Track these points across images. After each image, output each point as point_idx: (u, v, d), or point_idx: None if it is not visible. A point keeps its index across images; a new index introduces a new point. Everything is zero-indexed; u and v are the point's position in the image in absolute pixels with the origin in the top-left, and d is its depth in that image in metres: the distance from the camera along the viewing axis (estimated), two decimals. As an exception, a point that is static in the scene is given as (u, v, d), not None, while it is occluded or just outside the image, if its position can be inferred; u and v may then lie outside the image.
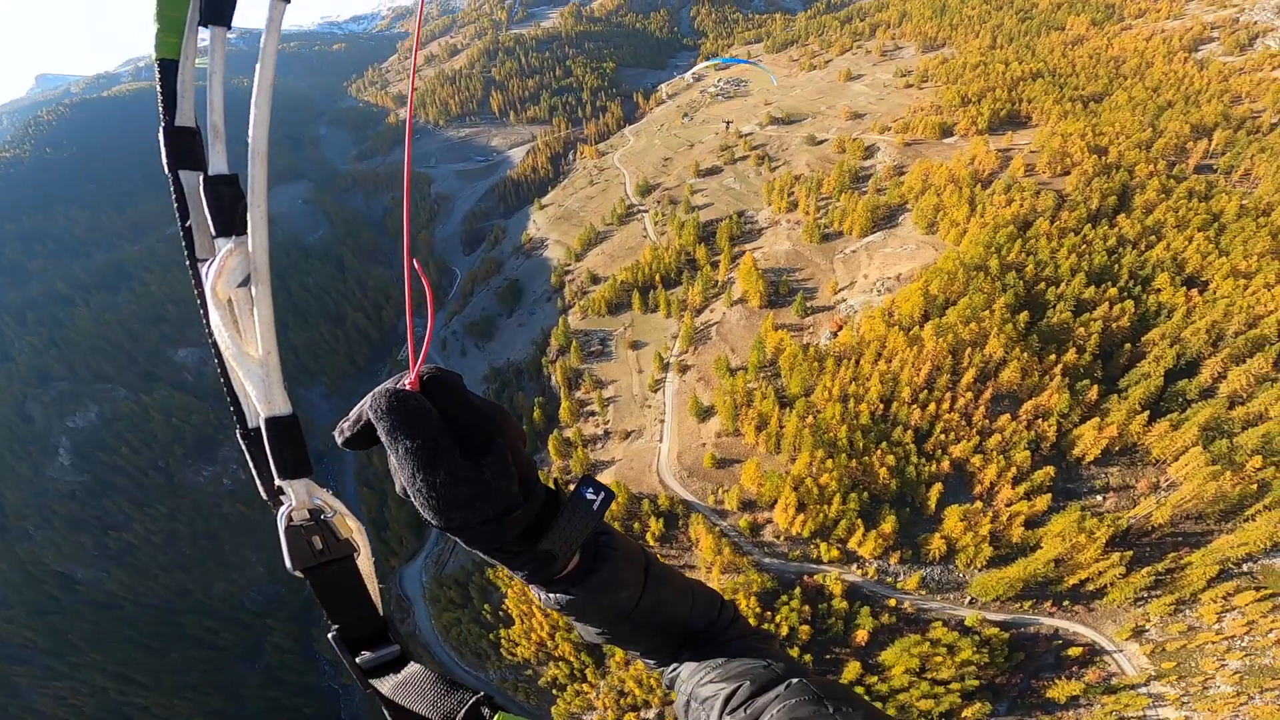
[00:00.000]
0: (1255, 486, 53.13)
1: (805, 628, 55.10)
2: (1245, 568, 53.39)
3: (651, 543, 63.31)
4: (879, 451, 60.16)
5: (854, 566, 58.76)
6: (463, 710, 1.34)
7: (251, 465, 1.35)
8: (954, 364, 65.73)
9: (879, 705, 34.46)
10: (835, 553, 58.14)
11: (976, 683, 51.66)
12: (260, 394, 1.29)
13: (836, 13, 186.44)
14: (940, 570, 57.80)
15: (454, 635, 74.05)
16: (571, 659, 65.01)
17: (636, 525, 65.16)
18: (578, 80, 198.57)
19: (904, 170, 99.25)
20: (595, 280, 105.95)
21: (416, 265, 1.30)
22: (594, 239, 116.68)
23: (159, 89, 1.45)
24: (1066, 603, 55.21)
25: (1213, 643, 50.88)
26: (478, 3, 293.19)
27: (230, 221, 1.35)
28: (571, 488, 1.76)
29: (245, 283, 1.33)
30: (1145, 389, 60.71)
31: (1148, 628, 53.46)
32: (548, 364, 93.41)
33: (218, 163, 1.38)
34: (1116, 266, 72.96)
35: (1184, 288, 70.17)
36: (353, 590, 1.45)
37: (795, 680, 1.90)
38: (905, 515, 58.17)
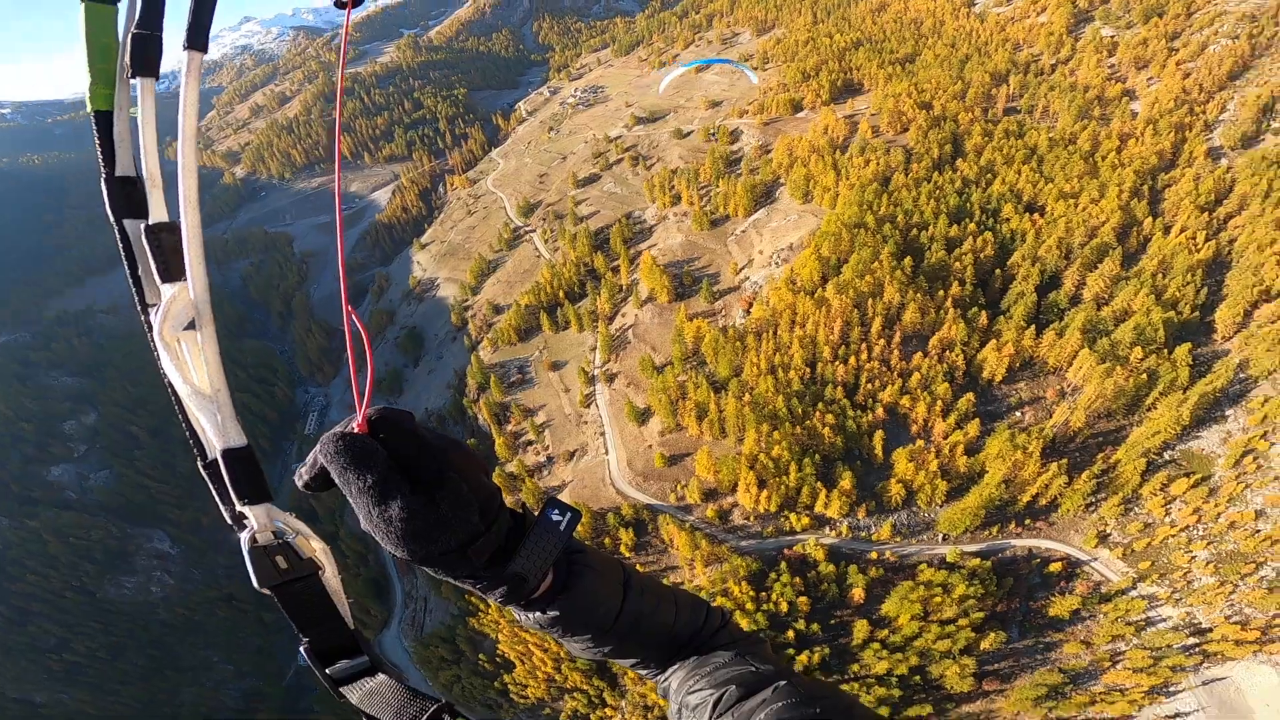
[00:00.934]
0: (1145, 376, 61.36)
1: (802, 599, 56.65)
2: (1167, 455, 61.32)
3: (626, 553, 62.35)
4: (818, 413, 63.12)
5: (827, 529, 61.24)
6: (425, 716, 1.41)
7: (214, 493, 1.41)
8: (861, 316, 70.44)
9: (897, 656, 35.89)
10: (806, 520, 60.29)
11: (981, 615, 55.13)
12: (214, 428, 1.36)
13: (672, 9, 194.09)
14: (906, 514, 61.64)
15: (456, 692, 69.51)
16: (586, 687, 62.65)
17: (607, 540, 63.93)
18: (430, 111, 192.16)
19: (769, 148, 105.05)
20: (498, 310, 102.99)
21: (351, 311, 1.40)
22: (486, 269, 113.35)
23: (97, 140, 1.48)
24: (1028, 521, 60.38)
25: (1172, 536, 57.70)
26: (299, 47, 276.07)
27: (174, 267, 1.41)
28: (538, 511, 1.81)
29: (191, 325, 1.40)
30: (1024, 306, 68.38)
31: (1109, 531, 59.67)
32: (470, 404, 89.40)
33: (157, 210, 1.44)
34: (968, 204, 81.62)
35: (1027, 213, 79.83)
36: (320, 605, 1.50)
37: (782, 683, 1.92)
38: (859, 469, 61.51)
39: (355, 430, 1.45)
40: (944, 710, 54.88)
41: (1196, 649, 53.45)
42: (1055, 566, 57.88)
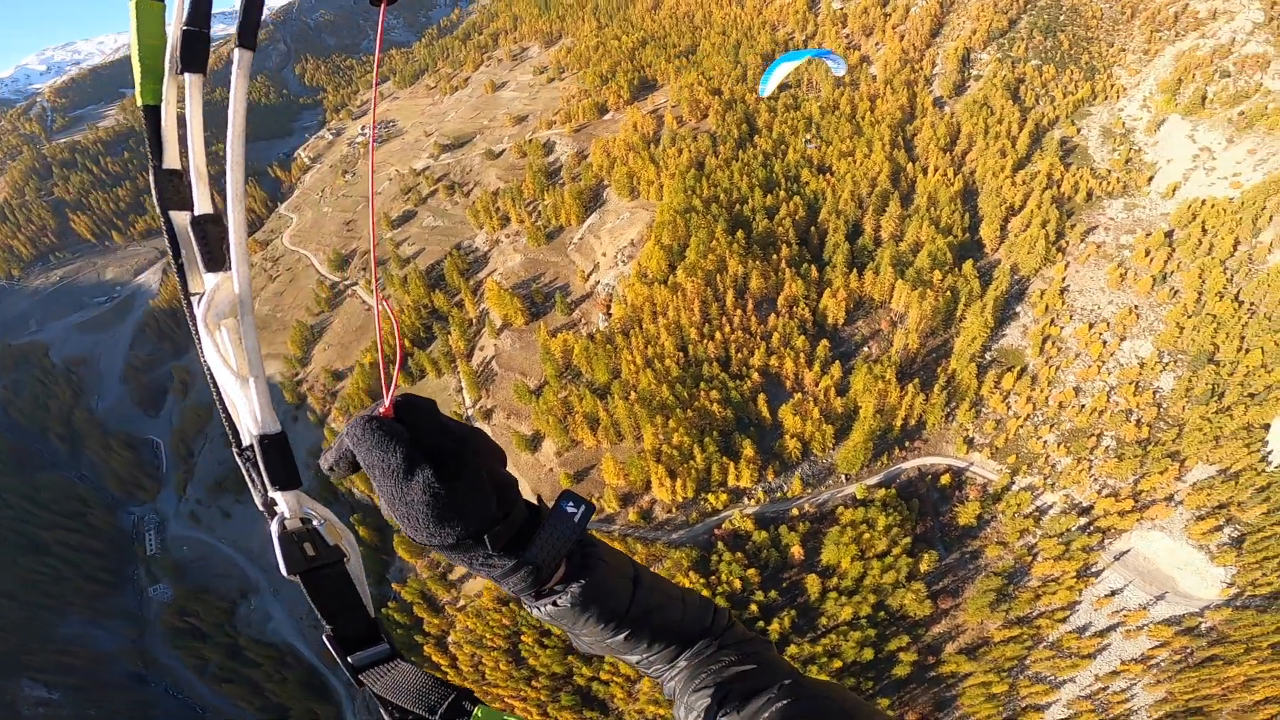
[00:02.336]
0: (949, 293, 72.16)
1: (751, 571, 58.41)
2: (988, 356, 72.24)
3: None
4: (702, 392, 65.56)
5: (746, 500, 63.85)
6: (445, 703, 1.47)
7: (248, 479, 1.46)
8: (714, 293, 74.47)
9: (856, 599, 38.56)
10: (724, 497, 62.32)
11: (908, 540, 60.63)
12: (251, 414, 1.41)
13: (452, 34, 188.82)
14: (808, 465, 66.24)
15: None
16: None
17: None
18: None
19: (585, 154, 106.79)
20: (339, 376, 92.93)
21: (381, 298, 1.52)
22: (310, 335, 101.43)
23: (146, 133, 1.52)
24: (907, 444, 67.87)
25: (1021, 427, 67.64)
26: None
27: (217, 258, 1.46)
28: (552, 503, 1.85)
29: (233, 314, 1.45)
30: (842, 254, 77.11)
31: (972, 436, 68.85)
32: (339, 480, 79.40)
33: (202, 203, 1.48)
34: (774, 175, 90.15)
35: (820, 174, 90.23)
36: (344, 593, 1.54)
37: (787, 682, 1.96)
38: (754, 435, 64.96)
39: (381, 414, 1.49)
40: (918, 636, 59.93)
41: (1091, 528, 63.72)
42: (945, 479, 66.30)
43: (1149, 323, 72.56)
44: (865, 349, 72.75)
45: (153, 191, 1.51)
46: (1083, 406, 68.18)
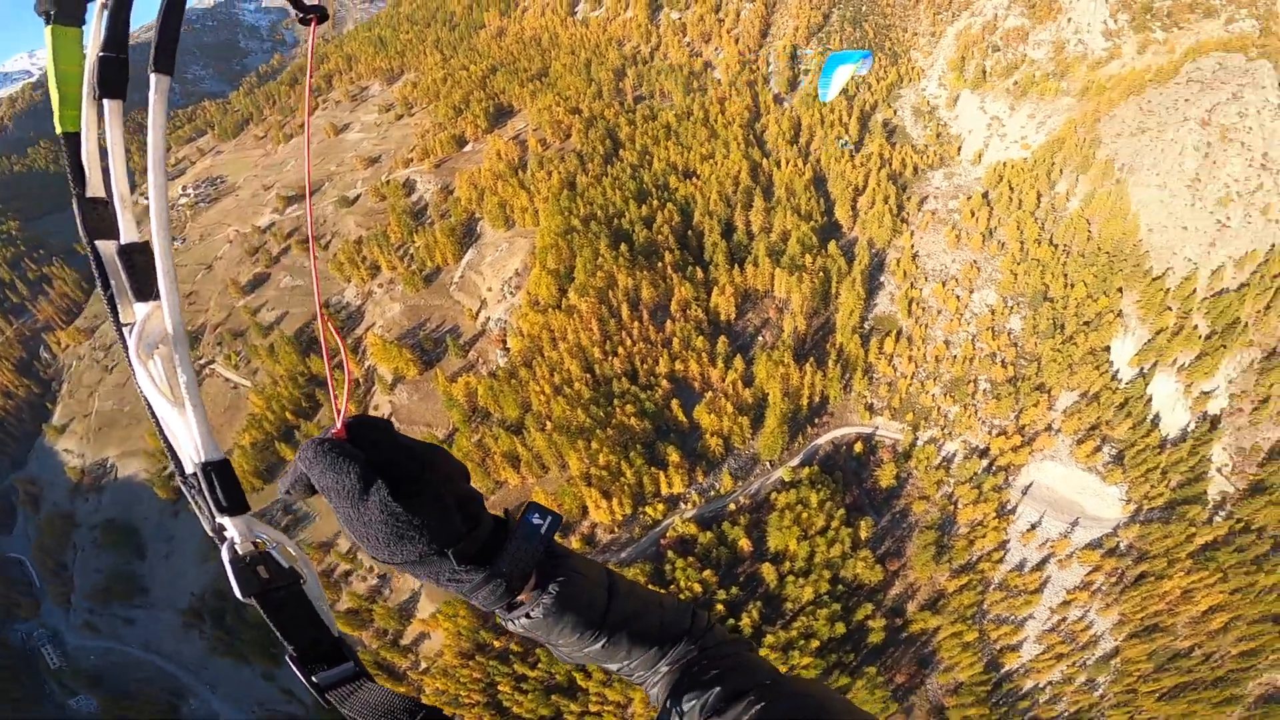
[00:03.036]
0: (822, 274, 77.75)
1: (707, 573, 59.19)
2: (867, 326, 78.21)
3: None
4: (617, 409, 65.85)
5: (683, 505, 64.82)
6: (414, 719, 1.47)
7: (194, 506, 1.43)
8: (609, 309, 75.11)
9: (813, 577, 40.80)
10: (661, 507, 62.92)
11: (842, 511, 63.73)
12: (191, 443, 1.39)
13: (274, 79, 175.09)
14: (733, 460, 68.41)
15: None
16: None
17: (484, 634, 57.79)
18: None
19: (451, 189, 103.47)
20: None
21: (325, 320, 1.47)
22: None
23: (67, 162, 1.51)
24: (816, 420, 71.83)
25: (910, 386, 73.11)
26: None
27: (146, 288, 1.44)
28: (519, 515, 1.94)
29: (166, 343, 1.43)
30: (722, 252, 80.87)
31: (870, 402, 73.80)
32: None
33: (128, 231, 1.46)
34: (644, 185, 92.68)
35: (686, 179, 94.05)
36: (303, 613, 1.52)
37: (767, 683, 2.03)
38: (676, 440, 66.16)
39: (334, 435, 1.50)
40: (880, 602, 63.13)
41: (994, 468, 70.25)
42: (858, 447, 71.18)
43: (988, 274, 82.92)
44: (760, 338, 76.78)
45: (77, 221, 1.48)
46: (955, 357, 76.53)
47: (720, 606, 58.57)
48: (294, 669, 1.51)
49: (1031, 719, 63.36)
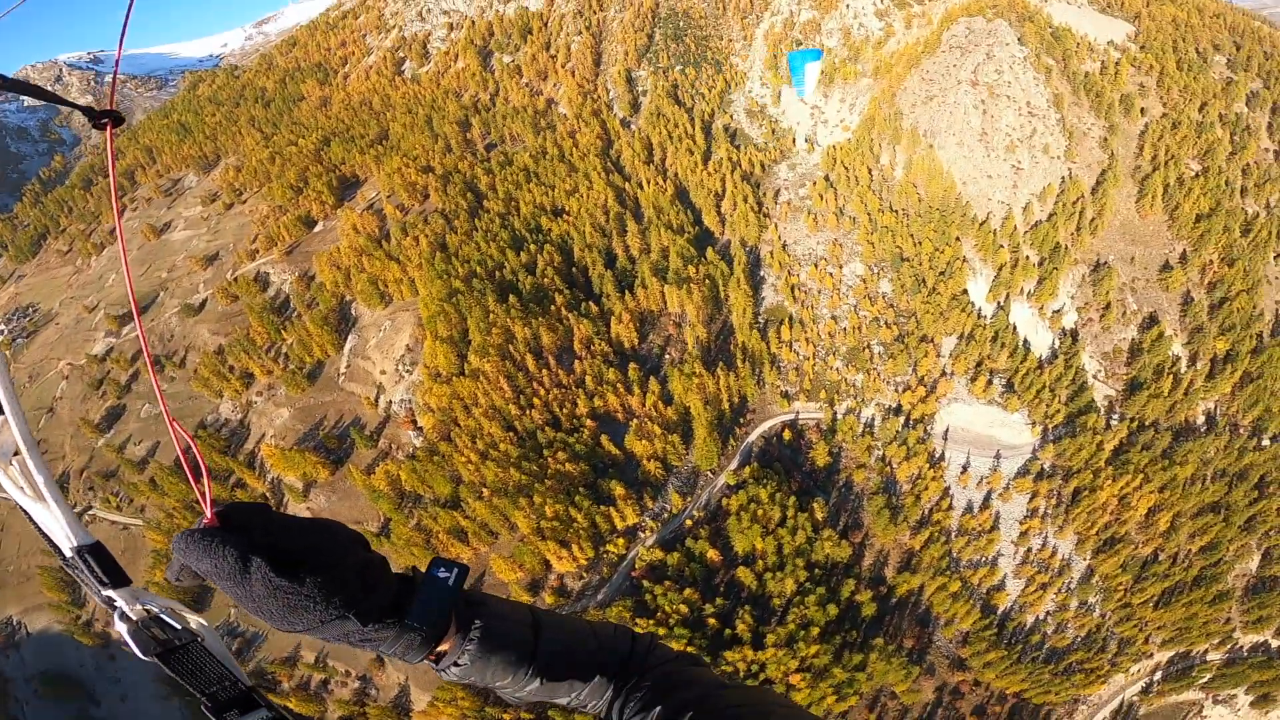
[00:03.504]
0: (708, 281, 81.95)
1: (688, 592, 60.17)
2: (761, 319, 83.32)
3: None
4: (550, 459, 65.59)
5: (641, 534, 65.80)
6: None
7: (81, 584, 1.55)
8: (514, 364, 74.41)
9: (789, 569, 43.45)
10: (622, 541, 63.47)
11: (793, 499, 66.65)
12: (61, 532, 1.54)
13: (62, 183, 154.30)
14: (675, 478, 70.08)
15: None
16: None
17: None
18: None
19: (311, 275, 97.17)
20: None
21: (173, 423, 1.64)
22: (64, 577, 78.06)
23: None
24: (741, 420, 75.67)
25: (815, 367, 77.89)
26: None
27: None
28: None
29: (18, 453, 1.56)
30: (609, 282, 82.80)
31: (784, 389, 78.46)
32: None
33: None
34: (515, 233, 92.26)
35: (556, 218, 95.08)
36: (209, 666, 1.63)
37: (708, 696, 2.11)
38: (615, 474, 66.93)
39: (205, 524, 1.59)
40: (859, 576, 66.45)
41: (911, 423, 76.24)
42: (787, 435, 75.52)
43: (850, 248, 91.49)
44: (667, 356, 79.58)
45: None
46: (844, 329, 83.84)
47: (712, 621, 59.73)
48: (209, 717, 1.62)
49: (1049, 650, 68.51)
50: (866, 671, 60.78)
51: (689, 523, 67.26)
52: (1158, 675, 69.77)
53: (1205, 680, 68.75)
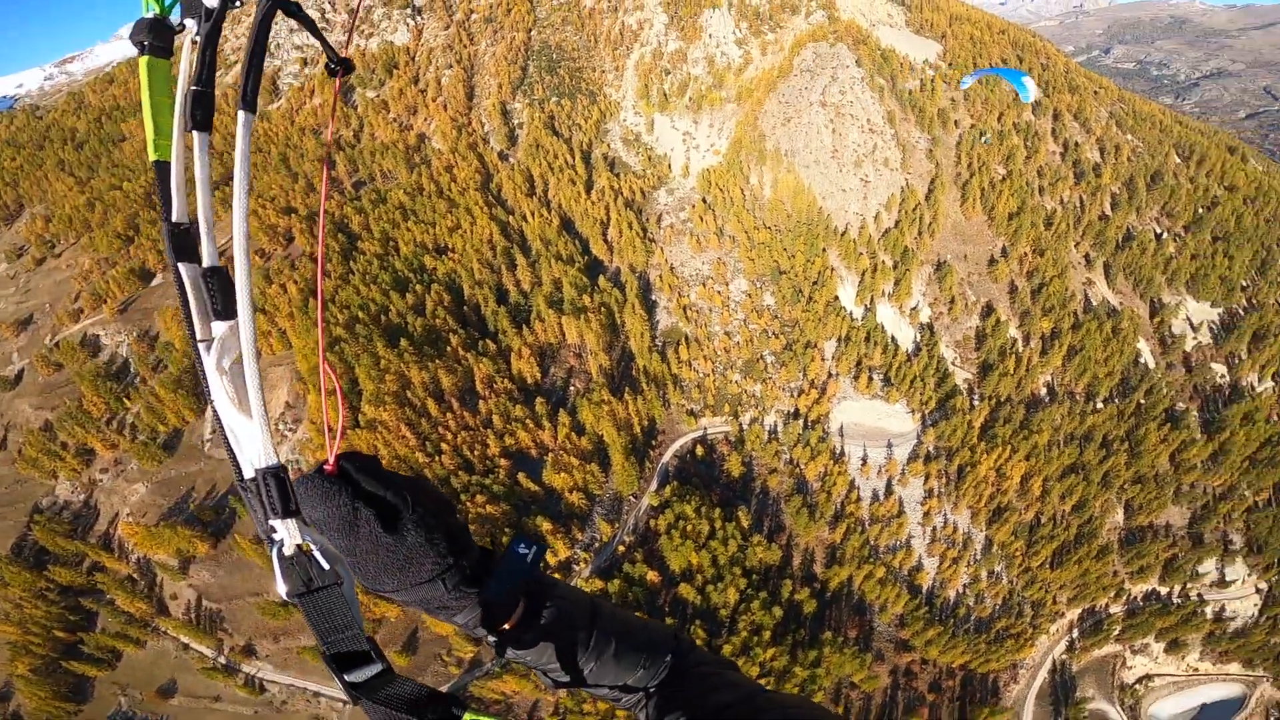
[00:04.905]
0: (603, 309, 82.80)
1: (636, 615, 58.89)
2: (658, 342, 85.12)
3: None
4: (468, 504, 62.44)
5: (576, 567, 64.81)
6: (442, 713, 1.58)
7: (249, 508, 1.58)
8: (413, 410, 70.15)
9: (728, 579, 44.97)
10: (558, 576, 60.82)
11: (718, 510, 68.69)
12: (254, 450, 1.55)
13: None
14: (599, 507, 69.36)
15: None
16: None
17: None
18: None
19: (153, 334, 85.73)
20: None
21: (324, 363, 1.68)
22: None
23: (158, 188, 1.68)
24: (653, 442, 77.10)
25: (715, 383, 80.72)
26: None
27: (224, 307, 1.62)
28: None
29: (239, 359, 1.59)
30: (504, 318, 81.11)
31: (690, 408, 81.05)
32: None
33: (210, 255, 1.64)
34: (398, 274, 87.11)
35: (440, 256, 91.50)
36: (339, 614, 1.63)
37: (750, 700, 2.13)
38: (538, 510, 65.09)
39: (326, 470, 1.63)
40: (794, 576, 68.31)
41: (810, 425, 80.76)
42: (699, 451, 77.35)
43: (733, 265, 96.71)
44: (573, 387, 78.93)
45: (166, 244, 1.61)
46: (737, 343, 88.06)
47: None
48: (329, 667, 1.62)
49: (976, 621, 74.20)
50: (824, 666, 63.36)
51: (621, 548, 66.83)
52: (1075, 633, 77.27)
53: (1117, 632, 76.43)
